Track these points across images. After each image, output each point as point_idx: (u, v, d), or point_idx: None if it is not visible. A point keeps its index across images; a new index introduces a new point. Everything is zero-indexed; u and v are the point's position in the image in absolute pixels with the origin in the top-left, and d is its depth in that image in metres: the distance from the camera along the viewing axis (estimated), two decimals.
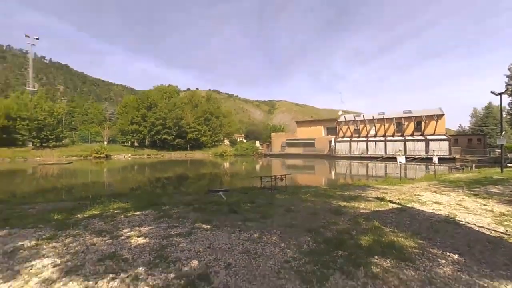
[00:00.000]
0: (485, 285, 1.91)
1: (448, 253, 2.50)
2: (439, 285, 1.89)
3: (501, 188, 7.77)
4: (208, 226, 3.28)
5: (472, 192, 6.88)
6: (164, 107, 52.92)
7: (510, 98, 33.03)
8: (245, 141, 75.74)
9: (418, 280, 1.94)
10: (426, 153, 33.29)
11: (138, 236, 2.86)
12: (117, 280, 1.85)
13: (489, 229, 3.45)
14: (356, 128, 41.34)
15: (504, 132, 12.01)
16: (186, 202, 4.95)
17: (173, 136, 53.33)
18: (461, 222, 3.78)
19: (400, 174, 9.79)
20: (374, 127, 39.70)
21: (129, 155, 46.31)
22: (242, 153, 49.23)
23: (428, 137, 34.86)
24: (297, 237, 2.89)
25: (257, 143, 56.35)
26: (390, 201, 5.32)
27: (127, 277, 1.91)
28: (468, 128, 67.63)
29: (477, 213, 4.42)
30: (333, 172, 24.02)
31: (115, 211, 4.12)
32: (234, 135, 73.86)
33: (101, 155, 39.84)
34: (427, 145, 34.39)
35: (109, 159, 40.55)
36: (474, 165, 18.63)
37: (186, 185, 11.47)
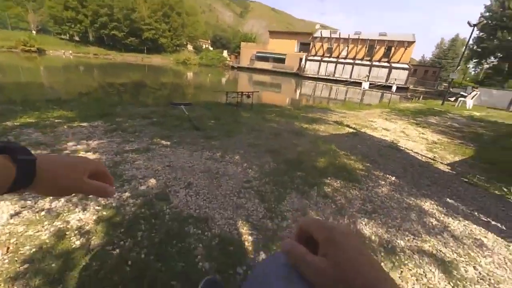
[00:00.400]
0: (411, 202, 2.29)
1: (387, 175, 2.87)
2: (377, 202, 2.20)
3: (438, 119, 8.87)
4: (168, 143, 3.12)
5: (415, 121, 7.72)
6: None
7: (477, 32, 33.62)
8: (211, 48, 68.46)
9: (360, 199, 2.22)
10: (386, 81, 35.01)
11: (87, 151, 2.58)
12: (62, 200, 1.70)
13: (421, 155, 4.02)
14: (330, 46, 39.76)
15: (459, 67, 12.75)
16: (144, 114, 4.54)
17: (125, 33, 44.94)
18: (401, 148, 4.30)
19: (361, 99, 10.28)
20: (347, 47, 38.63)
21: (70, 52, 38.91)
22: (208, 63, 45.24)
23: (393, 65, 35.75)
24: (260, 157, 2.96)
25: (225, 53, 51.51)
26: (347, 126, 5.69)
27: (74, 196, 1.76)
28: (429, 59, 70.59)
29: (415, 140, 5.06)
30: (298, 92, 24.35)
31: (56, 120, 3.58)
32: (199, 40, 65.48)
33: (32, 48, 32.67)
34: (389, 73, 35.75)
35: (44, 54, 33.76)
36: (422, 96, 20.48)
37: (143, 95, 10.46)
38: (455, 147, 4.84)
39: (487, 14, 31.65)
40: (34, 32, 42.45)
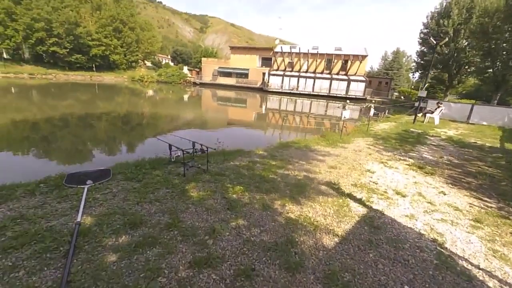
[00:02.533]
0: None
1: None
2: None
3: (429, 151, 7.70)
4: None
5: (412, 160, 6.36)
6: (45, 3, 36.89)
7: (419, 46, 36.48)
8: (172, 64, 65.24)
9: None
10: (346, 93, 35.84)
11: None
12: None
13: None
14: (291, 61, 39.91)
15: (427, 85, 12.43)
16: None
17: (68, 50, 39.66)
18: (456, 262, 2.59)
19: (341, 130, 8.86)
20: (307, 61, 39.10)
21: None
22: (167, 80, 42.11)
23: (351, 78, 36.87)
24: None
25: (185, 69, 48.87)
26: (349, 196, 3.90)
27: None
28: (377, 70, 76.50)
29: (453, 221, 3.42)
30: (264, 107, 23.08)
31: None
32: (156, 55, 61.80)
33: None
34: (348, 85, 36.74)
35: None
36: (387, 111, 20.42)
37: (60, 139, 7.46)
38: (504, 226, 3.35)
39: (426, 30, 34.55)
40: None
